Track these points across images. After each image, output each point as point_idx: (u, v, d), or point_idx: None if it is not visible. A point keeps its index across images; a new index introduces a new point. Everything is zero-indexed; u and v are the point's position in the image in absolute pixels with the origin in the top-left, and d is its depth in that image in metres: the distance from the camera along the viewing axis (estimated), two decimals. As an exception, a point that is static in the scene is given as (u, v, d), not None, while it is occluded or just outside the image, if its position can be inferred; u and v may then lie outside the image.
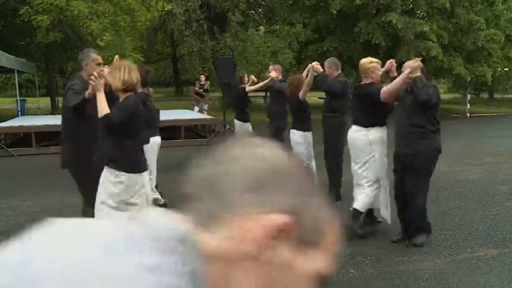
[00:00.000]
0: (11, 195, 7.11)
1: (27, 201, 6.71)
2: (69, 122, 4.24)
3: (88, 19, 15.88)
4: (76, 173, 4.32)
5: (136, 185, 3.75)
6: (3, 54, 13.42)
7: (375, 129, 4.92)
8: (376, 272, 4.13)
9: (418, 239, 4.80)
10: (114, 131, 3.70)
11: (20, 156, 10.81)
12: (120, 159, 3.72)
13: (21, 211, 6.23)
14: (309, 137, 6.48)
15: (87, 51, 4.23)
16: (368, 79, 4.93)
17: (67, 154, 4.39)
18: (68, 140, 4.40)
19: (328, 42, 20.71)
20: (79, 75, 4.18)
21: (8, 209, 6.36)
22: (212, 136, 12.79)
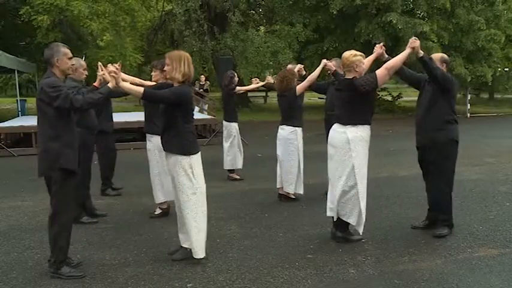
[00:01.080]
0: (12, 195, 7.12)
1: (27, 201, 6.73)
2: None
3: (88, 19, 15.90)
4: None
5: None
6: (4, 54, 13.43)
7: (355, 128, 4.69)
8: (377, 272, 4.13)
9: (441, 231, 4.99)
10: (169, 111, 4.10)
11: (20, 156, 10.82)
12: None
13: (21, 211, 6.24)
14: (299, 133, 6.47)
15: (56, 46, 4.03)
16: (351, 73, 4.70)
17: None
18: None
19: (328, 42, 20.74)
20: (51, 73, 3.96)
21: (9, 209, 6.37)
22: (212, 136, 12.81)
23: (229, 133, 8.08)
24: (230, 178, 8.10)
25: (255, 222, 5.62)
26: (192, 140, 4.27)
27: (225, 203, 6.56)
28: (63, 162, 3.91)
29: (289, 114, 6.45)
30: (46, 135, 3.93)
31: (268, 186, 7.38)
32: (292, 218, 5.81)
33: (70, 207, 4.04)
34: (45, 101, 3.85)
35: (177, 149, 4.17)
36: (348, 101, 4.71)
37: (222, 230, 5.37)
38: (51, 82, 3.86)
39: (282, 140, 6.50)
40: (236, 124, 8.09)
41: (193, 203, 4.26)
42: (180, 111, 4.14)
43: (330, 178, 4.88)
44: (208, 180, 7.81)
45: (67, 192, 3.97)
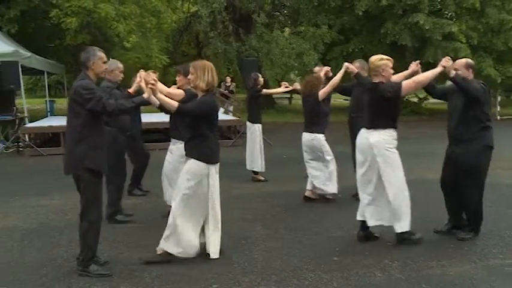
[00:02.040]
0: (41, 193, 7.28)
1: (56, 200, 6.86)
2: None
3: (115, 21, 16.10)
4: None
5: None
6: (34, 56, 13.71)
7: (377, 132, 4.68)
8: (404, 276, 4.08)
9: (465, 235, 4.92)
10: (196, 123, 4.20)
11: (49, 156, 11.04)
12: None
13: (50, 209, 6.37)
14: (320, 138, 6.45)
15: (93, 50, 4.12)
16: (378, 77, 4.68)
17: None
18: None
19: (353, 44, 20.56)
20: (86, 75, 4.05)
21: (38, 207, 6.51)
22: (237, 137, 12.84)
23: (252, 134, 8.09)
24: (254, 179, 8.11)
25: (280, 224, 5.62)
26: (214, 149, 4.31)
27: (250, 204, 6.57)
28: (89, 162, 4.00)
29: (311, 119, 6.49)
30: (75, 135, 4.02)
31: (293, 187, 7.37)
32: (318, 220, 5.78)
33: (97, 206, 4.12)
34: (78, 101, 3.95)
35: (197, 155, 4.23)
36: (372, 104, 4.71)
37: (247, 231, 5.37)
38: (86, 84, 3.96)
39: (305, 146, 6.56)
40: (259, 126, 8.09)
41: (184, 205, 4.26)
42: (204, 121, 4.22)
43: (359, 183, 4.89)
44: (233, 181, 7.94)
45: (94, 191, 4.06)
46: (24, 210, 6.33)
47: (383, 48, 20.12)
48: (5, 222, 5.82)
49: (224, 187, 7.67)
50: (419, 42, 19.13)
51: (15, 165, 10.20)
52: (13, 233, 5.38)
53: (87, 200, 4.06)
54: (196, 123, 4.22)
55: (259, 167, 8.07)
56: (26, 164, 10.35)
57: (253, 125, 8.07)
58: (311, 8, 21.31)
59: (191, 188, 4.24)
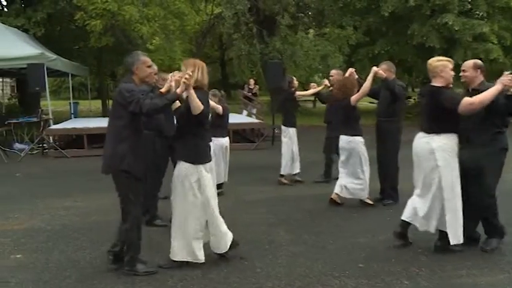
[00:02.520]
0: (64, 195, 7.39)
1: (79, 202, 6.96)
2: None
3: (139, 23, 16.30)
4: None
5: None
6: (59, 58, 13.99)
7: (439, 137, 4.56)
8: (432, 284, 4.01)
9: (488, 244, 4.75)
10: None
11: (72, 158, 11.23)
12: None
13: (74, 211, 6.47)
14: (358, 141, 6.37)
15: (136, 55, 4.20)
16: (438, 79, 4.57)
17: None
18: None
19: (379, 45, 20.35)
20: (131, 79, 4.16)
21: (62, 209, 6.61)
22: (260, 140, 12.84)
23: (286, 138, 8.10)
24: (280, 182, 8.12)
25: (304, 229, 5.59)
26: (203, 149, 4.29)
27: (273, 208, 6.56)
28: (126, 164, 4.07)
29: (347, 123, 6.44)
30: (116, 136, 4.11)
31: (318, 191, 7.33)
32: (343, 224, 5.74)
33: (136, 205, 4.17)
34: (121, 103, 4.03)
35: (185, 156, 4.21)
36: (432, 108, 4.59)
37: (271, 235, 5.36)
38: (129, 87, 4.05)
39: (343, 149, 6.48)
40: (294, 130, 8.10)
41: (186, 212, 4.24)
42: (193, 119, 4.15)
43: (416, 188, 4.81)
44: (256, 185, 7.94)
45: (132, 191, 4.13)
46: (48, 212, 6.45)
47: (410, 50, 19.92)
48: (30, 224, 5.93)
49: (246, 191, 7.77)
50: (447, 44, 18.80)
51: (39, 166, 10.39)
52: (38, 234, 5.48)
53: (124, 200, 4.15)
54: (185, 120, 4.19)
55: (293, 170, 8.06)
56: (50, 165, 10.54)
57: (287, 128, 8.10)
58: (336, 9, 21.22)
59: (185, 191, 4.22)
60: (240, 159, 10.42)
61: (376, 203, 6.53)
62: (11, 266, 4.52)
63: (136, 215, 4.17)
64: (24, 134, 13.13)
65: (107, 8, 15.54)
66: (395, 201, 6.52)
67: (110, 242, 4.38)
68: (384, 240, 5.09)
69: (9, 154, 11.50)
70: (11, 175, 9.31)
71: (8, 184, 8.47)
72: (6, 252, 4.91)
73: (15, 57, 12.30)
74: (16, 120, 13.08)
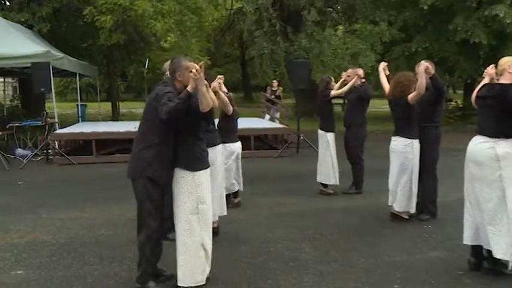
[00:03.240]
0: (71, 205, 7.48)
1: (87, 213, 7.04)
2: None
3: (153, 19, 16.43)
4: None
5: None
6: (66, 57, 14.15)
7: (506, 142, 4.38)
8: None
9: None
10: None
11: (79, 165, 11.36)
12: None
13: (81, 223, 6.54)
14: (415, 146, 6.27)
15: (178, 60, 4.26)
16: (505, 77, 4.45)
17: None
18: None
19: (417, 42, 20.12)
20: (172, 84, 4.22)
21: (69, 220, 6.70)
22: (284, 147, 12.82)
23: (323, 143, 8.09)
24: (322, 193, 8.11)
25: (333, 245, 5.56)
26: (200, 154, 4.29)
27: (298, 222, 6.54)
28: (152, 171, 4.12)
29: (403, 124, 6.32)
30: (145, 141, 4.19)
31: (348, 204, 7.29)
32: (375, 241, 5.69)
33: (155, 217, 4.20)
34: (155, 107, 4.08)
35: (182, 163, 4.21)
36: (502, 109, 4.42)
37: (295, 252, 5.34)
38: (167, 91, 4.11)
39: (395, 153, 6.36)
40: (332, 134, 8.09)
41: (189, 224, 4.21)
42: (193, 119, 4.18)
43: (472, 201, 4.60)
44: (279, 197, 7.93)
45: (151, 201, 4.16)
46: (52, 224, 6.53)
47: (451, 48, 19.58)
48: (32, 236, 6.01)
49: (268, 203, 7.76)
50: (496, 39, 18.31)
51: (43, 174, 10.56)
52: (41, 248, 5.55)
53: (142, 209, 4.19)
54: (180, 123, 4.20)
55: (331, 179, 8.06)
56: (55, 173, 10.69)
57: (325, 133, 8.09)
58: (368, 2, 21.14)
59: (188, 203, 4.19)
60: (261, 167, 10.41)
61: (412, 218, 6.44)
62: (12, 283, 4.58)
63: (153, 228, 4.19)
64: (27, 139, 13.33)
65: (118, 2, 15.71)
66: (433, 216, 6.45)
67: (120, 257, 4.42)
68: (421, 260, 5.02)
69: (11, 160, 11.69)
70: (12, 183, 9.45)
71: (9, 193, 8.61)
72: (7, 268, 4.97)
73: (18, 56, 12.47)
74: (19, 124, 13.27)
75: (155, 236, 4.23)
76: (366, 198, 7.59)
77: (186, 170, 4.19)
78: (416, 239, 5.68)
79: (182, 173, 4.19)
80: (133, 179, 4.22)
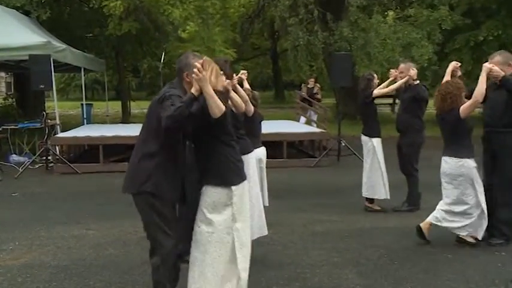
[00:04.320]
0: (74, 221, 7.57)
1: (92, 230, 7.10)
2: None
3: (169, 5, 16.59)
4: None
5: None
6: (69, 49, 14.31)
7: None
8: None
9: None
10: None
11: (84, 174, 11.48)
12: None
13: (85, 242, 6.60)
14: (470, 165, 6.11)
15: (185, 57, 4.24)
16: None
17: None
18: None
19: (486, 29, 19.79)
20: (179, 85, 4.24)
21: (71, 238, 6.77)
22: (323, 155, 12.76)
23: (369, 151, 8.05)
24: (368, 209, 8.06)
25: (381, 272, 5.51)
26: (235, 164, 4.23)
27: (339, 243, 6.51)
28: (151, 185, 4.11)
29: (453, 141, 6.22)
30: (146, 149, 4.20)
31: (399, 223, 7.22)
32: (433, 268, 5.61)
33: (167, 236, 4.19)
34: (159, 111, 4.08)
35: (213, 177, 4.15)
36: None
37: (337, 279, 5.31)
38: (172, 93, 4.11)
39: (448, 177, 6.26)
40: (378, 140, 8.05)
41: (223, 247, 4.13)
42: (213, 129, 4.13)
43: None
44: (317, 213, 7.88)
45: (159, 216, 4.16)
46: (52, 243, 6.60)
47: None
48: (29, 258, 6.08)
49: (303, 221, 7.73)
50: None
51: (42, 184, 10.68)
52: (39, 271, 5.61)
53: (151, 227, 4.20)
54: (204, 131, 4.17)
55: (380, 193, 8.00)
56: (56, 183, 10.83)
57: (370, 139, 8.05)
58: (426, -17, 20.90)
59: (222, 224, 4.14)
60: (295, 179, 10.38)
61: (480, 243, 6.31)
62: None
63: (167, 249, 4.18)
64: (24, 144, 13.51)
65: (130, -15, 15.91)
66: (507, 240, 6.29)
67: (131, 283, 4.43)
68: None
69: (5, 169, 11.88)
70: (6, 195, 9.59)
71: (3, 206, 8.73)
72: (-1, 294, 5.04)
73: (13, 47, 12.60)
74: (14, 126, 13.43)
75: (171, 258, 4.22)
76: (422, 217, 7.47)
77: (218, 185, 4.12)
78: (486, 269, 5.57)
79: (214, 190, 4.13)
80: (133, 194, 4.22)
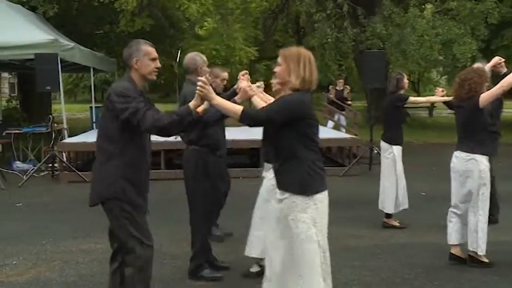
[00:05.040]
0: (82, 235, 7.62)
1: (101, 244, 7.10)
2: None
3: (186, 0, 16.64)
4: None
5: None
6: (78, 47, 14.42)
7: None
8: None
9: None
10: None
11: (93, 183, 11.52)
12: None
13: (94, 257, 6.64)
14: (482, 164, 6.09)
15: (136, 44, 4.29)
16: None
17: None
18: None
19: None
20: (128, 77, 4.28)
21: (79, 253, 6.82)
22: (353, 163, 12.73)
23: (388, 160, 8.00)
24: (386, 224, 8.01)
25: (419, 293, 5.47)
26: (316, 173, 4.16)
27: (372, 260, 6.49)
28: (117, 190, 4.16)
29: (466, 134, 6.20)
30: (103, 154, 4.24)
31: (437, 239, 7.16)
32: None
33: (140, 244, 4.23)
34: (111, 109, 4.15)
35: (293, 186, 4.09)
36: None
37: (369, 300, 5.28)
38: (121, 89, 4.15)
39: (457, 173, 6.26)
40: (399, 148, 8.01)
41: (306, 260, 4.12)
42: (296, 132, 4.08)
43: None
44: (346, 228, 7.86)
45: (131, 223, 4.20)
46: (59, 257, 6.65)
47: None
48: (34, 274, 6.13)
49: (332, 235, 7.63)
50: None
51: (48, 194, 10.79)
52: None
53: (121, 237, 4.26)
54: (283, 135, 4.11)
55: (389, 207, 7.94)
56: (62, 192, 10.93)
57: (390, 146, 8.01)
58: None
59: (299, 234, 4.06)
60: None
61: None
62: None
63: (140, 258, 4.22)
64: (28, 150, 13.66)
65: (143, -22, 16.01)
66: None
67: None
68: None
69: (8, 177, 11.99)
70: (9, 205, 9.70)
71: (5, 218, 8.81)
72: (1, 314, 5.09)
73: (17, 45, 12.72)
74: (18, 130, 13.59)
75: (144, 269, 4.27)
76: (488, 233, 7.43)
77: (296, 193, 4.05)
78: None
79: (293, 198, 4.06)
80: (102, 203, 4.25)
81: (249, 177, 10.84)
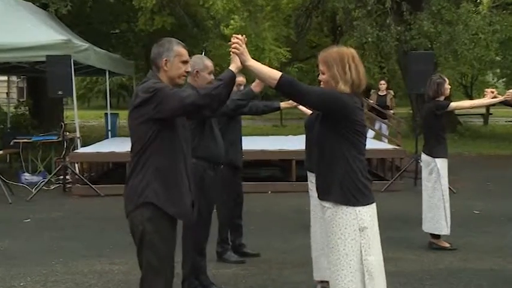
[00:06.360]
0: (97, 254, 7.66)
1: (117, 265, 7.17)
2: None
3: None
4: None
5: None
6: (92, 49, 14.48)
7: None
8: None
9: None
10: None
11: (108, 197, 11.56)
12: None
13: (109, 279, 6.67)
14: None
15: (168, 42, 4.28)
16: None
17: None
18: None
19: None
20: (155, 76, 4.26)
21: (92, 274, 6.85)
22: (396, 177, 12.64)
23: (431, 174, 7.94)
24: (433, 245, 7.95)
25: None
26: (363, 183, 4.19)
27: (420, 286, 6.45)
28: (150, 194, 4.10)
29: None
30: (134, 162, 4.21)
31: (494, 265, 7.09)
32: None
33: (159, 273, 4.20)
34: (142, 113, 4.08)
35: (337, 196, 4.10)
36: None
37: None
38: (149, 84, 4.12)
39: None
40: (443, 161, 7.93)
41: (354, 280, 4.13)
42: (342, 132, 4.09)
43: None
44: (390, 248, 7.78)
45: (156, 242, 4.17)
46: (70, 279, 6.67)
47: None
48: (43, 295, 6.19)
49: (375, 257, 7.60)
50: None
51: (59, 209, 10.82)
52: (55, 311, 5.71)
53: (148, 261, 4.20)
54: (327, 135, 4.15)
55: (442, 228, 7.88)
56: (74, 207, 10.98)
57: (433, 159, 7.94)
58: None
59: (350, 255, 4.10)
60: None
61: None
62: None
63: (162, 284, 4.18)
64: (38, 160, 13.78)
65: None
66: None
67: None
68: None
69: (16, 190, 12.06)
70: (16, 221, 9.76)
71: (12, 235, 8.87)
72: None
73: (27, 46, 12.79)
74: (27, 139, 13.70)
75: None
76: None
77: (343, 204, 4.08)
78: None
79: (337, 209, 4.09)
80: (127, 216, 4.23)
81: (280, 192, 10.85)
